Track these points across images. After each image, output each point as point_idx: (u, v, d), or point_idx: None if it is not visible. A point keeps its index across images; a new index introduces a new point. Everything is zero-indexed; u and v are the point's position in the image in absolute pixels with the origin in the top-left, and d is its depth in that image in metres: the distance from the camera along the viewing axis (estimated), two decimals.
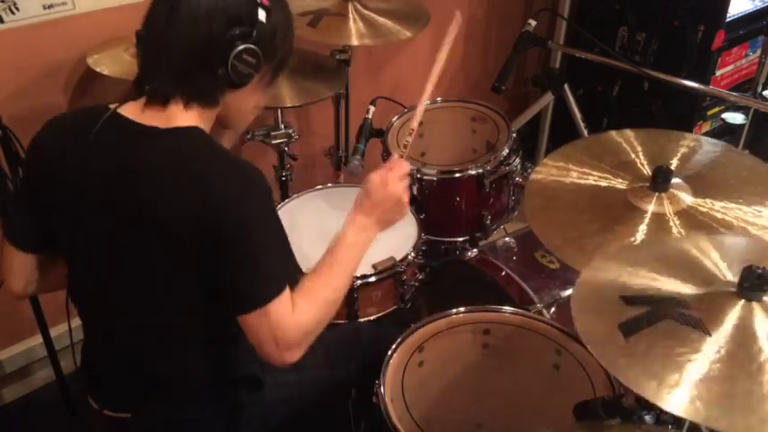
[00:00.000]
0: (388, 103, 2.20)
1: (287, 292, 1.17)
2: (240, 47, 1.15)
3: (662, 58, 2.60)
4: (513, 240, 1.99)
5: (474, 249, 1.97)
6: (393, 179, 1.32)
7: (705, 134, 2.77)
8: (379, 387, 1.37)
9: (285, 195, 2.19)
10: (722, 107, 2.69)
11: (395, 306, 1.78)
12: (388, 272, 1.71)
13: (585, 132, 2.61)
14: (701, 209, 1.34)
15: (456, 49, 2.89)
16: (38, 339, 2.04)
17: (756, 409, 0.88)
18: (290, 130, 2.09)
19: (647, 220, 1.33)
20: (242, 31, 1.15)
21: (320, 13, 2.07)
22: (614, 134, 1.55)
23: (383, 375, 1.39)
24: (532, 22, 2.32)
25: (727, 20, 2.49)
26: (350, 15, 2.08)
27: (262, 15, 1.17)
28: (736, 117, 2.47)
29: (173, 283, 1.20)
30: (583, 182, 1.45)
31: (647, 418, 1.12)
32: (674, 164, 1.45)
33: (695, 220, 1.32)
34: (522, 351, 1.55)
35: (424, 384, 1.50)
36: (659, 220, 1.33)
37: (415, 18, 2.13)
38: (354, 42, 2.04)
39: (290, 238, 1.27)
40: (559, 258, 1.81)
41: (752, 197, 1.36)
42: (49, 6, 1.81)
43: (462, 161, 2.11)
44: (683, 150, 1.50)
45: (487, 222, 2.00)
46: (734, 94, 2.34)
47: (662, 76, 2.18)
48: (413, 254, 1.76)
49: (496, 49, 2.98)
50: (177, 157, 1.15)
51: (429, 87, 1.41)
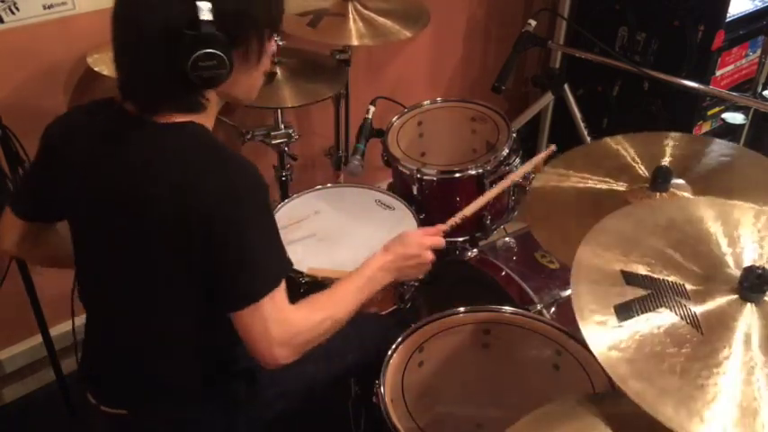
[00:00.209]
0: (388, 103, 2.20)
1: (281, 288, 1.17)
2: (192, 56, 1.09)
3: (662, 58, 2.60)
4: (513, 240, 1.99)
5: (474, 249, 1.97)
6: (429, 244, 1.44)
7: (705, 134, 2.77)
8: (379, 387, 1.37)
9: (285, 195, 2.19)
10: (722, 107, 2.69)
11: (395, 306, 1.78)
12: None
13: (586, 132, 2.61)
14: None
15: (456, 48, 2.90)
16: (38, 339, 2.04)
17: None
18: (290, 130, 2.09)
19: None
20: (188, 39, 1.09)
21: (320, 13, 2.07)
22: (610, 141, 1.55)
23: (383, 375, 1.39)
24: (532, 22, 2.32)
25: (727, 20, 2.49)
26: (350, 15, 2.08)
27: (204, 12, 1.08)
28: (736, 117, 2.47)
29: (170, 281, 1.20)
30: (582, 185, 1.45)
31: None
32: (669, 165, 1.45)
33: None
34: (522, 351, 1.55)
35: (424, 384, 1.50)
36: None
37: (415, 18, 2.13)
38: (354, 42, 2.04)
39: (288, 239, 1.28)
40: (561, 259, 1.82)
41: (754, 193, 1.35)
42: (49, 6, 1.81)
43: (462, 161, 2.10)
44: (678, 151, 1.50)
45: (487, 222, 2.00)
46: (734, 94, 2.34)
47: (662, 76, 2.17)
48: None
49: (496, 49, 2.98)
50: (174, 152, 1.15)
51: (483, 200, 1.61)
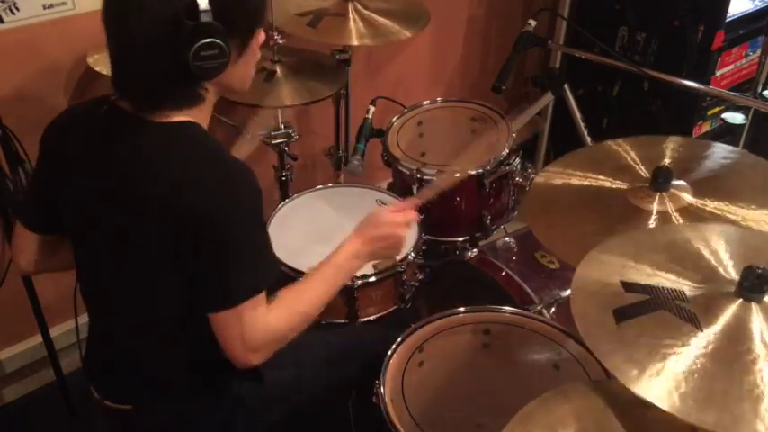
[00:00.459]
0: (388, 103, 2.20)
1: (262, 294, 1.17)
2: (194, 47, 1.09)
3: (662, 58, 2.60)
4: (513, 240, 1.99)
5: (474, 249, 1.97)
6: (399, 222, 1.36)
7: (705, 134, 2.77)
8: (379, 387, 1.37)
9: (285, 195, 2.19)
10: (722, 107, 2.69)
11: (395, 306, 1.78)
12: (389, 272, 1.71)
13: (586, 132, 2.60)
14: (702, 206, 1.34)
15: (456, 48, 2.90)
16: (38, 339, 2.04)
17: (731, 408, 0.88)
18: (290, 130, 2.09)
19: (651, 219, 1.33)
20: (188, 29, 1.08)
21: (320, 13, 2.07)
22: (611, 143, 1.55)
23: (383, 375, 1.39)
24: (532, 22, 2.32)
25: (727, 20, 2.49)
26: (350, 15, 2.08)
27: (203, 1, 1.08)
28: (736, 117, 2.47)
29: (168, 280, 1.20)
30: (583, 185, 1.45)
31: None
32: (669, 164, 1.45)
33: (698, 217, 1.32)
34: (522, 351, 1.55)
35: (424, 384, 1.50)
36: (662, 219, 1.33)
37: (415, 18, 2.13)
38: (354, 42, 2.04)
39: (289, 238, 1.27)
40: (560, 258, 1.82)
41: (753, 196, 1.35)
42: (49, 6, 1.81)
43: None
44: (678, 154, 1.50)
45: (487, 222, 2.00)
46: (734, 94, 2.34)
47: (662, 76, 2.17)
48: (413, 254, 1.76)
49: (496, 49, 2.98)
50: (173, 151, 1.15)
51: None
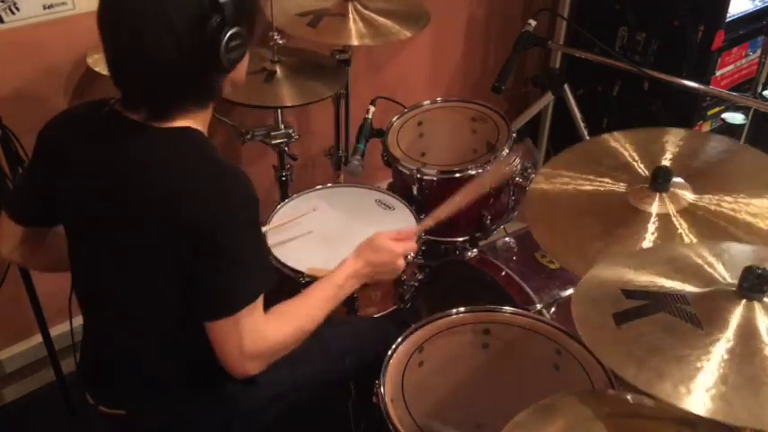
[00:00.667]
0: (388, 103, 2.20)
1: (259, 302, 1.17)
2: (225, 38, 1.08)
3: (662, 58, 2.60)
4: (513, 240, 1.98)
5: (474, 249, 1.97)
6: (398, 252, 1.40)
7: (703, 131, 2.77)
8: (379, 387, 1.37)
9: (285, 195, 2.19)
10: (722, 107, 2.69)
11: (395, 306, 1.78)
12: None
13: (585, 132, 2.61)
14: (703, 205, 1.34)
15: (456, 48, 2.90)
16: (38, 339, 2.03)
17: (732, 401, 0.89)
18: (290, 130, 2.09)
19: (651, 221, 1.32)
20: (215, 21, 1.07)
21: (320, 13, 2.07)
22: (608, 137, 1.55)
23: (383, 375, 1.39)
24: (532, 22, 2.32)
25: (727, 20, 2.49)
26: (350, 15, 2.08)
27: None
28: (736, 117, 2.47)
29: (165, 284, 1.20)
30: (582, 186, 1.45)
31: None
32: (668, 162, 1.45)
33: (699, 218, 1.32)
34: (522, 351, 1.54)
35: (424, 384, 1.50)
36: (663, 220, 1.32)
37: (415, 18, 2.13)
38: (354, 42, 2.04)
39: (289, 238, 1.27)
40: (560, 260, 1.81)
41: (753, 189, 1.35)
42: (49, 6, 1.81)
43: (462, 161, 2.11)
44: (677, 148, 1.49)
45: (487, 222, 2.00)
46: (734, 94, 2.34)
47: (662, 76, 2.18)
48: (413, 254, 1.76)
49: (496, 49, 2.98)
50: (173, 157, 1.15)
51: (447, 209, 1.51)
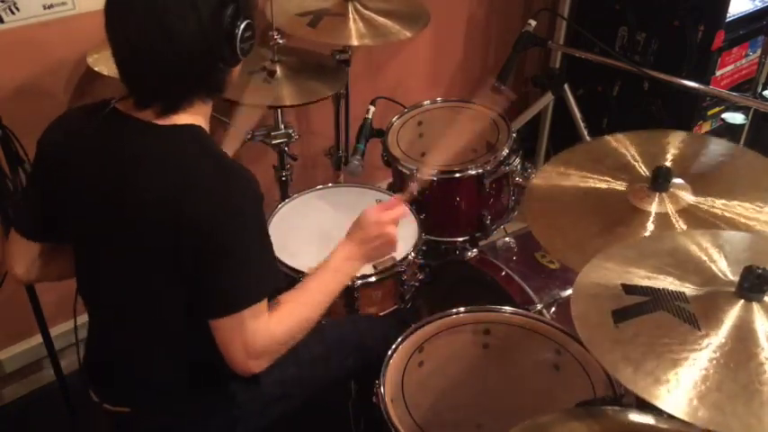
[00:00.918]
0: (388, 103, 2.20)
1: (263, 301, 1.17)
2: (240, 28, 1.08)
3: (662, 58, 2.60)
4: (513, 240, 1.99)
5: (474, 249, 1.97)
6: (387, 220, 1.35)
7: (705, 134, 2.77)
8: (379, 387, 1.37)
9: (285, 195, 2.19)
10: (722, 107, 2.69)
11: (395, 306, 1.78)
12: (389, 272, 1.71)
13: (585, 132, 2.61)
14: (702, 207, 1.34)
15: (456, 48, 2.90)
16: (38, 339, 2.03)
17: (725, 409, 0.89)
18: (290, 130, 2.09)
19: (651, 220, 1.33)
20: (232, 9, 1.07)
21: (320, 13, 2.07)
22: (610, 138, 1.55)
23: (383, 375, 1.39)
24: (532, 22, 2.32)
25: (727, 20, 2.49)
26: (350, 15, 2.08)
27: None
28: (736, 117, 2.47)
29: (167, 284, 1.20)
30: (582, 185, 1.45)
31: None
32: (669, 164, 1.45)
33: (698, 218, 1.32)
34: (522, 351, 1.54)
35: (424, 384, 1.50)
36: (662, 220, 1.33)
37: (415, 18, 2.13)
38: (354, 42, 2.04)
39: (289, 238, 1.27)
40: (561, 259, 1.81)
41: (753, 193, 1.35)
42: (49, 6, 1.81)
43: (462, 161, 2.11)
44: (678, 150, 1.49)
45: (487, 222, 2.00)
46: (734, 94, 2.34)
47: (662, 76, 2.18)
48: (413, 254, 1.76)
49: (496, 49, 2.98)
50: (169, 152, 1.15)
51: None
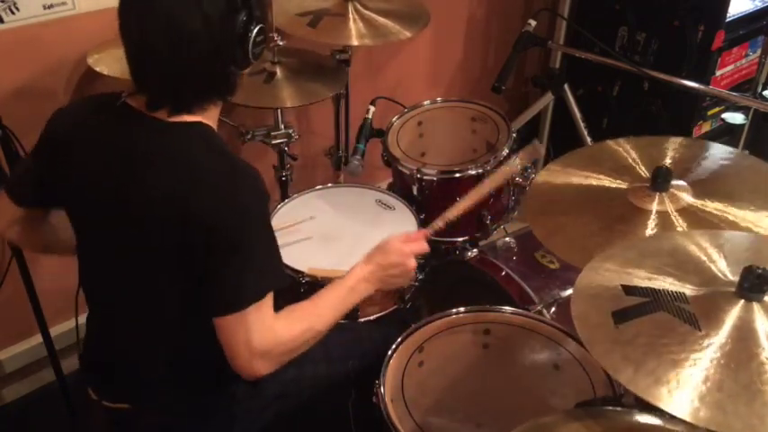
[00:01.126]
0: (388, 103, 2.20)
1: (268, 299, 1.17)
2: (253, 33, 1.09)
3: (662, 58, 2.60)
4: (513, 240, 1.99)
5: (474, 249, 1.97)
6: (410, 253, 1.39)
7: (705, 134, 2.77)
8: (379, 387, 1.37)
9: (285, 195, 2.19)
10: (722, 107, 2.69)
11: (395, 306, 1.78)
12: None
13: (585, 132, 2.60)
14: (702, 207, 1.34)
15: (456, 48, 2.90)
16: (38, 339, 2.03)
17: (727, 409, 0.89)
18: (290, 130, 2.09)
19: (651, 218, 1.33)
20: (245, 14, 1.08)
21: (320, 13, 2.07)
22: (611, 143, 1.55)
23: (383, 375, 1.39)
24: (532, 22, 2.32)
25: (727, 20, 2.49)
26: (350, 15, 2.08)
27: None
28: (736, 117, 2.47)
29: (170, 281, 1.20)
30: (583, 184, 1.46)
31: None
32: (670, 165, 1.45)
33: (698, 218, 1.32)
34: (522, 351, 1.55)
35: (424, 384, 1.50)
36: (662, 219, 1.33)
37: (415, 18, 2.13)
38: (354, 42, 2.04)
39: (289, 238, 1.27)
40: (561, 258, 1.82)
41: (754, 198, 1.35)
42: (49, 6, 1.81)
43: (462, 161, 2.10)
44: (679, 154, 1.50)
45: (487, 222, 2.00)
46: (734, 94, 2.33)
47: (662, 76, 2.17)
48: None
49: (496, 49, 2.99)
50: (177, 149, 1.15)
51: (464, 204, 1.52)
